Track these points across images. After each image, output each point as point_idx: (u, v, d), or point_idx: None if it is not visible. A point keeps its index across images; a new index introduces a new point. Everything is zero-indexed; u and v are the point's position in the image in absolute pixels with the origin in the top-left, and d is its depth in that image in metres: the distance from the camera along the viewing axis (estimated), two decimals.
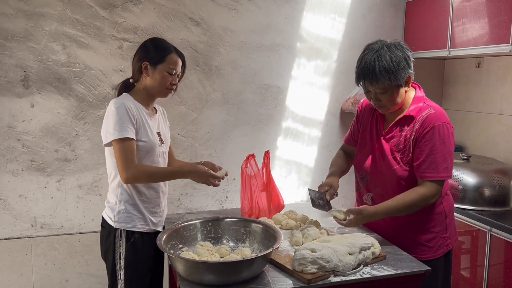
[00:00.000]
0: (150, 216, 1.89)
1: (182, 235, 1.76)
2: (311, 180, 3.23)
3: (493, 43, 2.55)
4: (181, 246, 1.73)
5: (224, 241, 1.82)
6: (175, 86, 1.90)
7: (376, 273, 1.58)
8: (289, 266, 1.58)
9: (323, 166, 3.21)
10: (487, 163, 2.65)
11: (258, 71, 3.01)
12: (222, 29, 2.89)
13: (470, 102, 3.23)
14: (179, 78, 1.92)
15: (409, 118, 1.82)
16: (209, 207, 3.01)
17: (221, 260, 1.63)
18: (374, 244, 1.68)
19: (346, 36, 3.17)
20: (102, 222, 1.90)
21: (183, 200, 2.95)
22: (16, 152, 2.59)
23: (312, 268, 1.52)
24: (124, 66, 2.69)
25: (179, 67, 1.89)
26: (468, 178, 2.51)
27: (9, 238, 2.63)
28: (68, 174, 2.70)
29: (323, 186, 1.99)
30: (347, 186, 2.87)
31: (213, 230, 1.83)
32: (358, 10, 3.18)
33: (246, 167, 2.10)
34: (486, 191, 2.47)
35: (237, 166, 2.87)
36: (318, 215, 2.16)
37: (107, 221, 1.86)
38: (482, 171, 2.53)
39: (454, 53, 2.84)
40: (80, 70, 2.64)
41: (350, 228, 1.93)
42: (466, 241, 2.55)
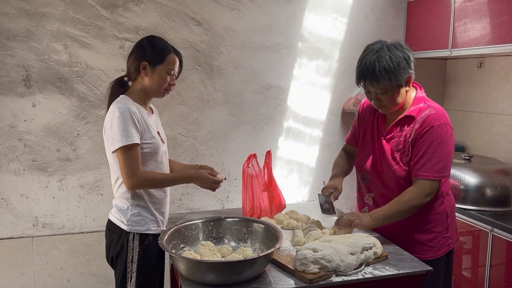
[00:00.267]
0: (161, 216, 1.89)
1: (184, 235, 1.76)
2: (313, 180, 3.23)
3: (494, 43, 2.55)
4: (182, 245, 1.73)
5: (225, 241, 1.82)
6: (173, 87, 1.87)
7: (378, 273, 1.57)
8: (290, 266, 1.57)
9: (325, 166, 3.21)
10: (489, 163, 2.65)
11: (259, 71, 3.01)
12: (224, 29, 2.89)
13: (471, 102, 3.23)
14: (176, 77, 1.88)
15: (409, 119, 1.82)
16: (210, 207, 3.01)
17: (222, 260, 1.63)
18: (375, 244, 1.68)
19: (348, 36, 3.17)
20: (110, 227, 1.85)
21: (185, 200, 2.95)
22: (17, 151, 2.59)
23: (314, 268, 1.51)
24: (125, 66, 2.67)
25: (177, 67, 1.86)
26: (469, 178, 2.51)
27: (10, 238, 2.64)
28: (69, 174, 2.70)
29: (328, 189, 1.99)
30: (348, 186, 2.86)
31: (214, 230, 1.83)
32: (360, 10, 3.17)
33: (248, 167, 2.10)
34: (488, 191, 2.47)
35: (238, 166, 2.87)
36: (319, 215, 2.16)
37: (118, 225, 1.81)
38: (483, 171, 2.53)
39: (455, 53, 2.84)
40: (81, 70, 2.65)
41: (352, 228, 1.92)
42: (467, 241, 2.54)
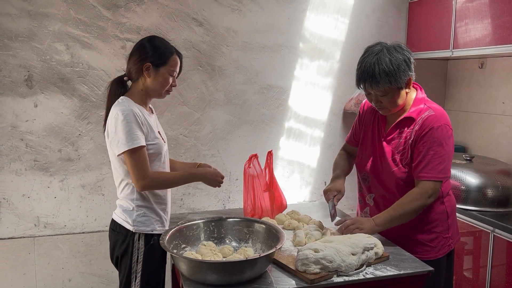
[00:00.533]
0: (165, 215, 1.90)
1: (185, 235, 1.76)
2: (314, 180, 3.23)
3: (496, 44, 2.55)
4: (184, 245, 1.73)
5: (227, 241, 1.82)
6: (173, 87, 1.89)
7: (379, 273, 1.58)
8: (292, 266, 1.58)
9: (326, 166, 3.21)
10: (490, 164, 2.65)
11: (261, 72, 3.01)
12: (225, 29, 2.89)
13: (473, 102, 3.22)
14: (176, 77, 1.89)
15: (409, 120, 1.82)
16: (211, 207, 3.01)
17: (224, 260, 1.63)
18: (377, 244, 1.68)
19: (349, 36, 3.17)
20: (115, 227, 1.86)
21: (186, 200, 2.95)
22: (19, 151, 2.60)
23: (315, 268, 1.52)
24: None
25: (178, 68, 1.87)
26: (471, 179, 2.51)
27: (12, 238, 2.64)
28: (71, 174, 2.71)
29: (331, 192, 1.98)
30: (349, 187, 2.86)
31: (216, 230, 1.83)
32: (361, 10, 3.17)
33: (249, 167, 2.10)
34: (489, 192, 2.47)
35: (239, 166, 2.88)
36: (320, 216, 2.17)
37: (124, 226, 1.81)
38: (485, 172, 2.53)
39: (457, 53, 2.84)
40: (83, 70, 2.65)
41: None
42: (469, 241, 2.54)
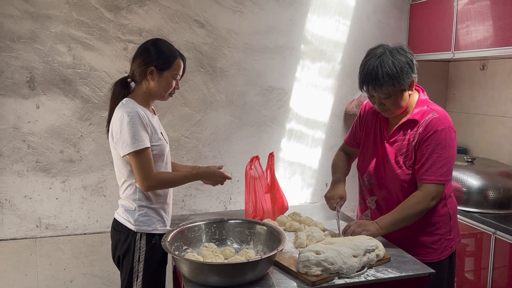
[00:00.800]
0: (166, 215, 1.92)
1: (187, 237, 1.77)
2: (315, 182, 3.23)
3: (497, 46, 2.55)
4: (185, 247, 1.74)
5: (228, 242, 1.83)
6: (176, 90, 1.91)
7: (380, 275, 1.58)
8: (293, 268, 1.58)
9: (327, 168, 3.19)
10: (492, 166, 2.65)
11: (262, 73, 3.01)
12: (227, 31, 2.89)
13: (474, 104, 3.22)
14: (179, 80, 1.92)
15: (412, 122, 1.82)
16: (213, 209, 3.01)
17: (225, 261, 1.63)
18: (378, 246, 1.68)
19: (351, 38, 3.17)
20: (117, 227, 1.87)
21: (187, 201, 2.95)
22: (21, 153, 2.61)
23: (316, 270, 1.52)
24: (129, 68, 2.68)
25: (182, 71, 1.89)
26: (472, 181, 2.51)
27: (14, 239, 2.65)
28: (72, 175, 2.71)
29: (334, 199, 1.96)
30: (350, 189, 2.86)
31: (217, 231, 1.84)
32: (363, 12, 3.18)
33: (251, 169, 2.10)
34: (491, 194, 2.47)
35: (241, 167, 2.88)
36: (322, 217, 2.17)
37: (126, 225, 1.83)
38: (486, 174, 2.53)
39: (458, 55, 2.84)
40: (85, 72, 2.66)
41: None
42: (470, 243, 2.54)
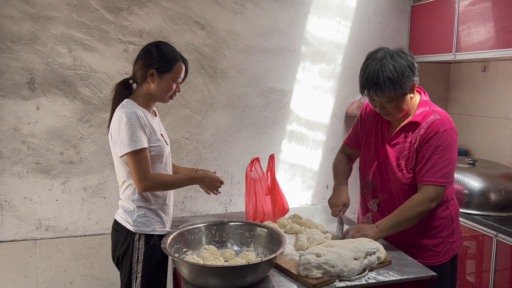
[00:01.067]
0: (166, 216, 1.92)
1: (187, 239, 1.76)
2: (316, 183, 3.23)
3: (499, 47, 2.54)
4: (185, 249, 1.73)
5: (228, 245, 1.82)
6: (177, 92, 1.92)
7: (381, 278, 1.57)
8: (294, 271, 1.57)
9: (328, 169, 3.19)
10: (493, 168, 2.64)
11: (262, 75, 3.01)
12: (227, 32, 2.89)
13: (475, 106, 3.21)
14: (180, 83, 1.93)
15: (414, 124, 1.80)
16: (213, 210, 3.00)
17: (225, 264, 1.62)
18: (379, 249, 1.67)
19: (351, 39, 3.17)
20: (117, 227, 1.88)
21: (188, 203, 2.95)
22: (21, 154, 2.60)
23: (317, 273, 1.51)
24: (129, 69, 2.68)
25: (183, 74, 1.90)
26: (474, 183, 2.50)
27: (14, 240, 2.64)
28: (73, 177, 2.71)
29: (337, 206, 1.94)
30: (350, 191, 2.85)
31: (217, 233, 1.83)
32: (364, 13, 3.17)
33: (251, 171, 2.09)
34: (492, 196, 2.46)
35: (241, 169, 2.88)
36: (323, 220, 2.16)
37: (125, 226, 1.84)
38: (488, 176, 2.52)
39: (459, 57, 2.83)
40: (85, 73, 2.65)
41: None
42: (472, 246, 2.53)
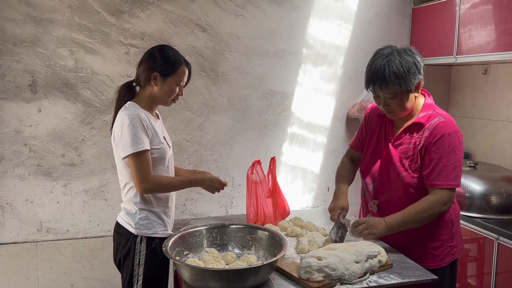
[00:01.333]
0: (168, 219, 1.92)
1: (188, 242, 1.76)
2: (317, 186, 3.22)
3: (500, 50, 2.54)
4: (186, 252, 1.73)
5: (229, 248, 1.82)
6: (180, 96, 1.93)
7: (382, 281, 1.57)
8: (295, 274, 1.57)
9: (329, 172, 3.20)
10: (494, 171, 2.63)
11: (264, 77, 3.01)
12: (229, 35, 2.89)
13: (476, 108, 3.21)
14: (183, 87, 1.94)
15: (418, 125, 1.81)
16: (214, 213, 3.00)
17: (227, 267, 1.62)
18: (380, 252, 1.67)
19: (352, 42, 3.17)
20: (119, 230, 1.89)
21: (188, 205, 2.95)
22: (23, 156, 2.60)
23: (318, 276, 1.51)
24: (131, 72, 2.70)
25: (186, 78, 1.91)
26: (475, 186, 2.50)
27: (15, 243, 2.64)
28: (74, 179, 2.71)
29: (335, 211, 1.90)
30: (352, 193, 2.85)
31: (218, 236, 1.83)
32: (365, 16, 3.17)
33: (252, 173, 2.09)
34: (493, 199, 2.45)
35: (242, 171, 2.88)
36: (324, 222, 2.16)
37: (127, 228, 1.85)
38: (489, 179, 2.52)
39: (460, 60, 2.83)
40: (87, 76, 2.66)
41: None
42: (473, 249, 2.53)
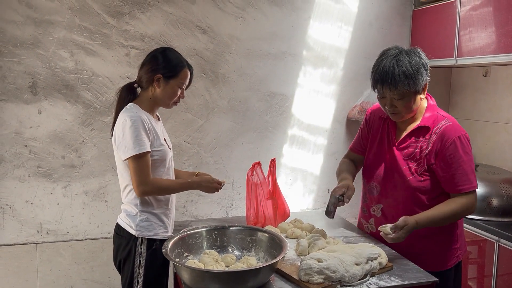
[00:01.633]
0: (168, 220, 1.92)
1: (188, 243, 1.76)
2: (317, 188, 3.22)
3: (500, 52, 2.54)
4: (186, 254, 1.73)
5: (229, 249, 1.82)
6: (181, 99, 1.93)
7: (383, 283, 1.56)
8: (295, 276, 1.57)
9: (329, 174, 3.20)
10: (495, 173, 2.63)
11: (264, 79, 3.01)
12: (229, 37, 2.90)
13: (477, 111, 3.21)
14: (185, 89, 1.94)
15: (424, 129, 1.78)
16: (214, 215, 3.00)
17: (226, 269, 1.62)
18: (381, 254, 1.67)
19: (353, 44, 3.17)
20: (119, 231, 1.89)
21: (188, 207, 2.95)
22: (23, 158, 2.60)
23: (318, 278, 1.51)
24: (131, 74, 2.71)
25: (188, 80, 1.92)
26: None
27: (15, 244, 2.64)
28: (74, 181, 2.71)
29: (340, 188, 1.84)
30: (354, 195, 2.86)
31: (218, 238, 1.83)
32: (365, 18, 3.18)
33: (252, 175, 2.09)
34: (494, 201, 2.45)
35: (242, 173, 2.87)
36: (324, 224, 2.16)
37: (127, 230, 1.85)
38: (489, 181, 2.51)
39: (461, 62, 2.83)
40: (87, 77, 2.66)
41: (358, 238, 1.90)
42: (473, 251, 2.52)
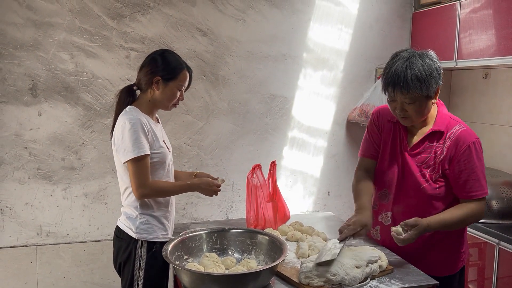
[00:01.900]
0: (168, 223, 1.92)
1: (188, 246, 1.75)
2: (317, 190, 3.22)
3: (500, 55, 2.54)
4: (186, 257, 1.72)
5: (229, 252, 1.81)
6: (180, 101, 1.93)
7: (383, 286, 1.56)
8: (295, 279, 1.56)
9: (329, 176, 3.20)
10: (495, 175, 2.63)
11: (264, 81, 3.01)
12: (229, 39, 2.90)
13: (477, 113, 3.21)
14: (184, 91, 1.94)
15: (438, 134, 1.73)
16: (214, 217, 3.00)
17: (226, 272, 1.62)
18: (381, 257, 1.66)
19: (353, 46, 3.17)
20: (119, 234, 1.89)
21: (188, 209, 2.94)
22: (23, 160, 2.60)
23: (318, 281, 1.50)
24: (131, 76, 2.71)
25: (187, 82, 1.91)
26: None
27: (14, 246, 2.64)
28: (74, 183, 2.71)
29: (355, 226, 1.65)
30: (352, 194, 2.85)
31: (218, 241, 1.82)
32: (365, 20, 3.18)
33: (252, 177, 2.09)
34: (494, 204, 2.45)
35: (242, 175, 2.87)
36: (324, 227, 2.15)
37: (127, 232, 1.85)
38: (489, 184, 2.45)
39: (461, 64, 2.83)
40: (87, 79, 2.66)
41: (358, 240, 1.87)
42: (474, 254, 2.52)
